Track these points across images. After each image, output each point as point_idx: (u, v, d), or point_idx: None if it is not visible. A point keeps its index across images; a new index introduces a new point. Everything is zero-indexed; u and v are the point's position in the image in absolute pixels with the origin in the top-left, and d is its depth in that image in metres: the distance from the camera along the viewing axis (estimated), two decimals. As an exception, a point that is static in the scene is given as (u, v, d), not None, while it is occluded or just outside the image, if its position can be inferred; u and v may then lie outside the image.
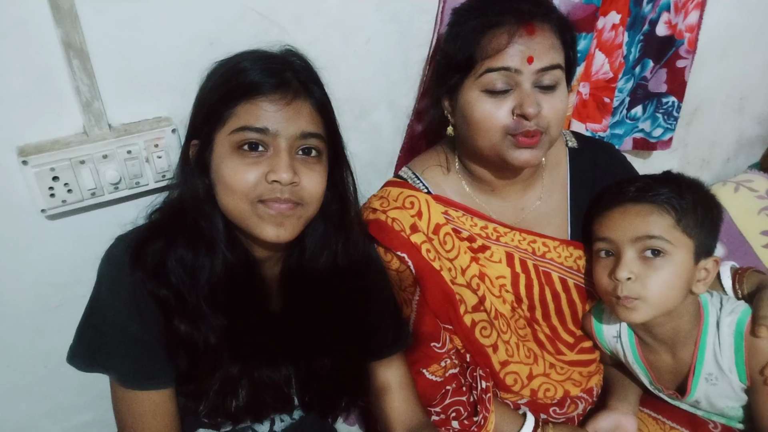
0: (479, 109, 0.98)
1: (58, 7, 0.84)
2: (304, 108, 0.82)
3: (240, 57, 0.83)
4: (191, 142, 0.85)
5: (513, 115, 0.96)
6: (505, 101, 0.96)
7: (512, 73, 0.95)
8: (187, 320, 0.83)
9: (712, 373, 1.06)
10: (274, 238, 0.81)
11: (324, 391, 0.99)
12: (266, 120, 0.78)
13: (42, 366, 1.11)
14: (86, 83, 0.90)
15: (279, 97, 0.79)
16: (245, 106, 0.79)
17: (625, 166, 1.23)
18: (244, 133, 0.78)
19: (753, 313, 1.04)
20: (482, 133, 0.99)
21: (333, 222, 0.91)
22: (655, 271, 1.00)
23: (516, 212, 1.14)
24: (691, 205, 1.01)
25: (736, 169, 2.02)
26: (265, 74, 0.80)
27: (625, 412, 1.14)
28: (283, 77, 0.80)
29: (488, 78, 0.96)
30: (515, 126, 0.96)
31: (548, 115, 0.96)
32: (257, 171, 0.79)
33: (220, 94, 0.81)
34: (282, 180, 0.78)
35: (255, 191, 0.79)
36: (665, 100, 1.61)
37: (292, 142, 0.80)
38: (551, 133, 0.99)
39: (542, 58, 0.95)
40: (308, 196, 0.82)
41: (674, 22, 1.49)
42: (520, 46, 0.94)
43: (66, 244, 1.02)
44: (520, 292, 1.12)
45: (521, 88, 0.96)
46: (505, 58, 0.95)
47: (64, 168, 0.92)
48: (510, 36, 0.94)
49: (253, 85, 0.79)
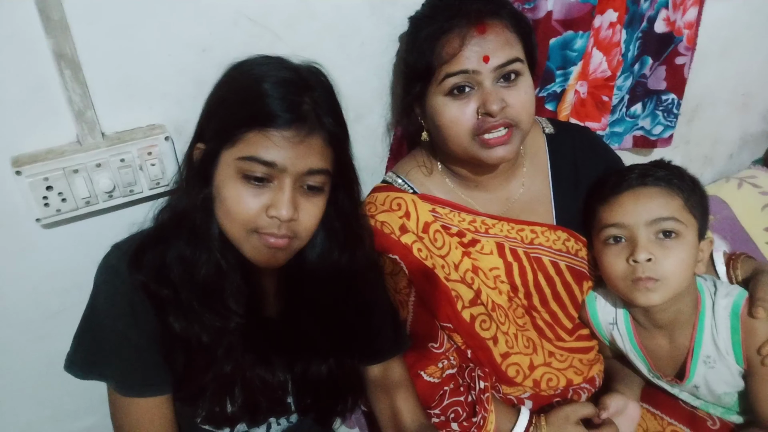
0: (446, 114, 0.99)
1: (48, 18, 0.84)
2: (317, 144, 0.80)
3: (261, 69, 0.81)
4: (197, 144, 0.85)
5: (478, 114, 0.97)
6: (469, 102, 0.98)
7: (471, 74, 0.96)
8: (182, 318, 0.84)
9: (710, 355, 1.07)
10: (265, 265, 0.83)
11: (320, 395, 0.99)
12: (276, 154, 0.77)
13: (44, 372, 1.12)
14: (78, 93, 0.91)
15: (293, 134, 0.77)
16: (257, 135, 0.77)
17: (604, 147, 1.26)
18: (252, 164, 0.77)
19: (751, 295, 1.06)
20: (451, 138, 1.01)
21: (335, 235, 0.91)
22: (671, 251, 1.01)
23: (501, 203, 1.15)
24: (691, 186, 1.05)
25: (740, 166, 2.00)
26: (283, 106, 0.77)
27: (632, 397, 1.14)
28: (301, 112, 0.78)
29: (449, 83, 0.97)
30: (480, 125, 0.97)
31: (515, 108, 0.97)
32: (258, 203, 0.79)
33: (233, 114, 0.80)
34: (281, 217, 0.78)
35: (253, 224, 0.80)
36: (665, 98, 1.59)
37: (297, 178, 0.80)
38: (522, 125, 1.00)
39: (498, 55, 0.96)
40: (303, 231, 0.83)
41: (673, 19, 1.47)
42: (474, 47, 0.96)
43: (62, 251, 1.03)
44: (515, 281, 1.12)
45: (483, 87, 0.97)
46: (462, 61, 0.96)
47: (57, 177, 0.93)
48: (462, 39, 0.95)
49: (269, 117, 0.77)
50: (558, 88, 1.37)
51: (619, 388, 1.15)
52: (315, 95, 0.81)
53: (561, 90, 1.37)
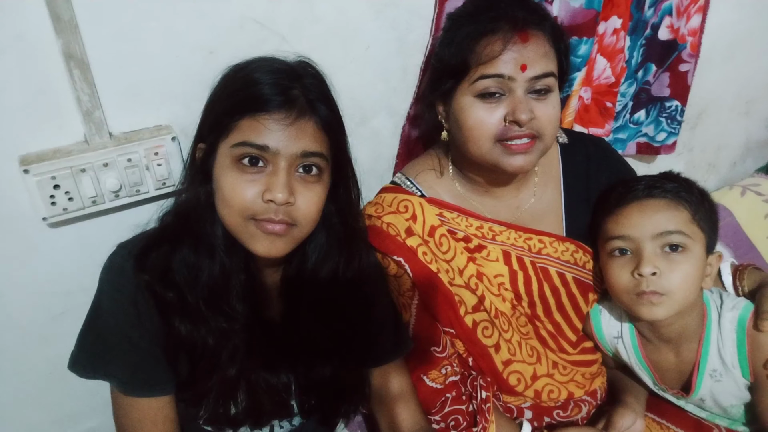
0: (472, 115, 0.99)
1: (58, 19, 0.85)
2: (308, 127, 0.81)
3: (254, 65, 0.84)
4: (198, 145, 0.86)
5: (505, 121, 0.97)
6: (498, 108, 0.97)
7: (505, 80, 0.96)
8: (188, 321, 0.83)
9: (716, 369, 1.06)
10: (265, 254, 0.82)
11: (323, 397, 0.98)
12: (268, 137, 0.78)
13: (48, 374, 1.12)
14: (87, 93, 0.91)
15: (283, 116, 0.79)
16: (249, 120, 0.79)
17: (618, 159, 1.24)
18: (245, 148, 0.79)
19: (756, 308, 1.04)
20: (474, 140, 1.00)
21: (336, 235, 0.91)
22: (677, 265, 1.00)
23: (511, 211, 1.14)
24: (699, 199, 1.03)
25: (744, 173, 2.00)
26: (273, 90, 0.79)
27: (640, 410, 1.12)
28: (290, 95, 0.80)
29: (482, 84, 0.97)
30: (505, 132, 0.97)
31: (541, 121, 0.97)
32: (254, 188, 0.79)
33: (226, 105, 0.81)
34: (277, 200, 0.78)
35: (250, 210, 0.80)
36: (668, 104, 1.60)
37: (292, 160, 0.80)
38: (545, 140, 1.00)
39: (535, 65, 0.96)
40: (302, 217, 0.82)
41: (676, 26, 1.48)
42: (513, 54, 0.95)
43: (68, 251, 1.03)
44: (519, 290, 1.12)
45: (514, 94, 0.97)
46: (499, 65, 0.95)
47: (65, 176, 0.93)
48: (504, 43, 0.95)
49: (258, 101, 0.79)
50: (562, 94, 1.38)
51: (627, 399, 1.12)
52: (305, 82, 0.83)
53: (565, 96, 1.38)
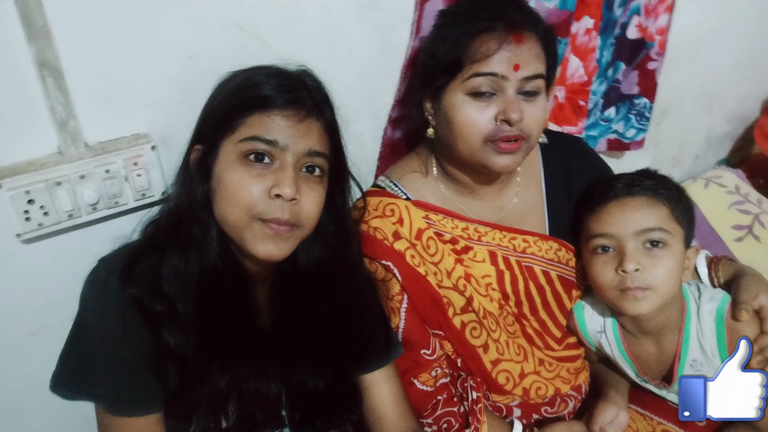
0: (463, 113, 0.99)
1: (30, 25, 0.81)
2: (315, 127, 0.83)
3: (256, 70, 0.85)
4: (194, 146, 0.85)
5: (496, 120, 0.98)
6: (489, 107, 0.98)
7: (498, 78, 0.97)
8: (177, 332, 0.81)
9: (696, 359, 1.09)
10: (266, 256, 0.81)
11: (315, 407, 0.97)
12: (277, 133, 0.79)
13: (25, 391, 1.08)
14: (61, 102, 0.88)
15: (292, 113, 0.80)
16: (258, 117, 0.80)
17: (595, 157, 1.27)
18: (254, 143, 0.79)
19: (733, 299, 1.07)
20: (463, 138, 1.00)
21: (329, 243, 0.91)
22: (659, 260, 1.02)
23: (495, 211, 1.15)
24: (676, 195, 1.06)
25: (706, 166, 2.07)
26: (280, 90, 0.81)
27: (622, 402, 1.15)
28: (297, 95, 0.82)
29: (474, 82, 0.98)
30: (495, 131, 0.98)
31: (529, 123, 0.99)
32: (261, 184, 0.79)
33: (233, 103, 0.81)
34: (285, 195, 0.78)
35: (256, 207, 0.79)
36: (637, 102, 1.63)
37: (299, 158, 0.81)
38: (531, 141, 1.01)
39: (528, 66, 0.97)
40: (305, 217, 0.83)
41: (645, 26, 1.52)
42: (507, 53, 0.96)
43: (44, 267, 0.99)
44: (506, 289, 1.13)
45: (505, 94, 0.98)
46: (493, 64, 0.96)
47: (39, 190, 0.89)
48: (500, 42, 0.96)
49: (268, 98, 0.80)
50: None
51: (610, 393, 1.15)
52: (309, 86, 0.85)
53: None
